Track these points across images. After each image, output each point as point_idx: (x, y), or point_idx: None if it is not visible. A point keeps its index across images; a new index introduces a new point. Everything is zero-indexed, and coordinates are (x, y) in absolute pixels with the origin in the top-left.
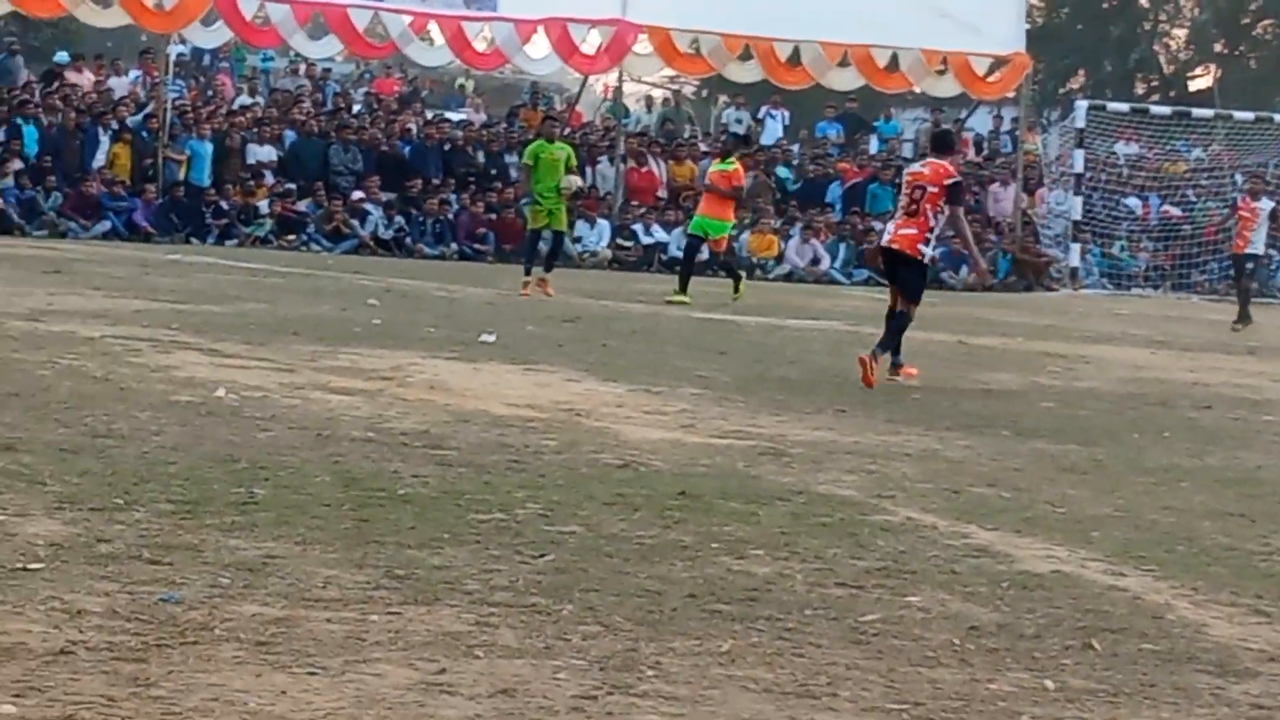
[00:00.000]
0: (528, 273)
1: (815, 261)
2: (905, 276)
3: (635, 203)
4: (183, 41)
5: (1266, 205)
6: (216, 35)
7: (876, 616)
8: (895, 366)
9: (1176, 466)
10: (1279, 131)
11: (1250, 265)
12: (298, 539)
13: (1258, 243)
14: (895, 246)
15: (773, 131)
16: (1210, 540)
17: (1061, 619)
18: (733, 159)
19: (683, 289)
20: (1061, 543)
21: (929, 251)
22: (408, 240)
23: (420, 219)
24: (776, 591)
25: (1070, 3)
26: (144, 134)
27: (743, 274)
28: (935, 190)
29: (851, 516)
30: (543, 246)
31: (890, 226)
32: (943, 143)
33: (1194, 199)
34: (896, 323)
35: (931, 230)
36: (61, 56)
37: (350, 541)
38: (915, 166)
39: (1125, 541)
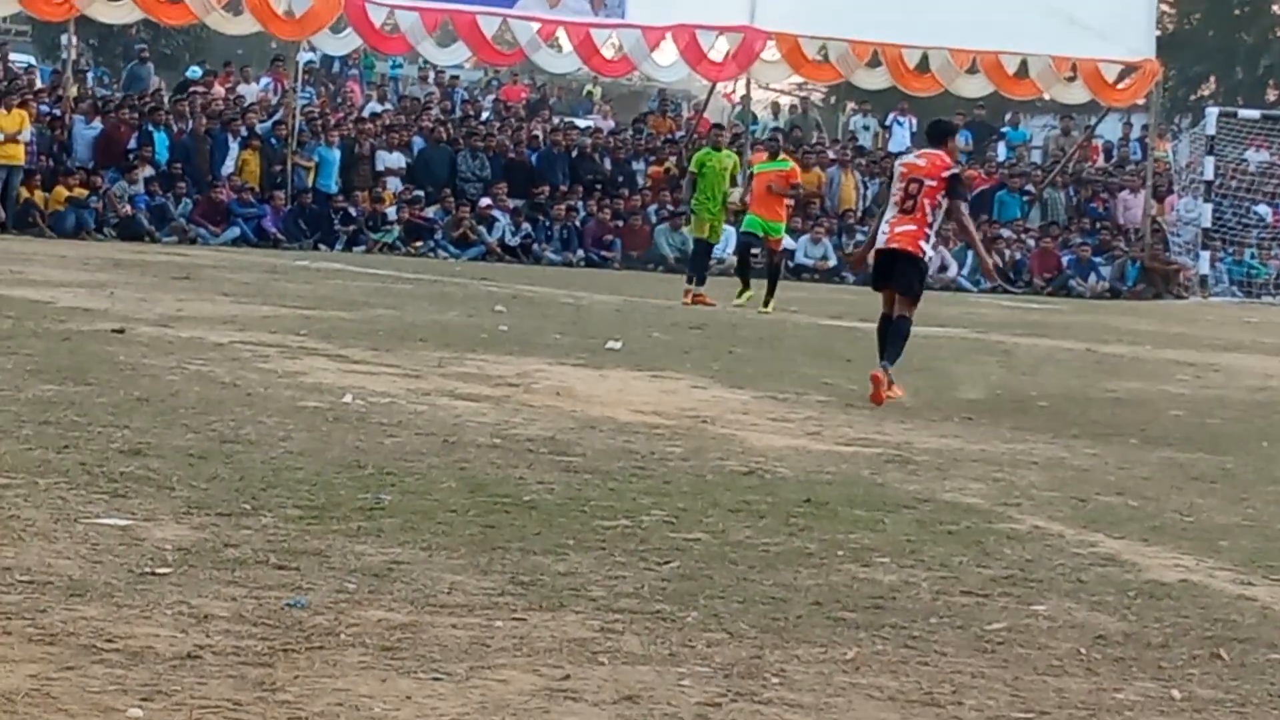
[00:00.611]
0: (691, 281)
1: (943, 269)
2: (906, 277)
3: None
4: (312, 49)
5: None
6: (346, 42)
7: (1002, 625)
8: (885, 368)
9: None
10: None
11: None
12: (424, 545)
13: None
14: (896, 246)
15: (900, 139)
16: None
17: (1189, 628)
18: (784, 157)
19: (746, 286)
20: (1189, 552)
21: (930, 250)
22: (534, 247)
23: (547, 225)
24: (901, 599)
25: (1202, 9)
26: (273, 141)
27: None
28: (933, 184)
29: (977, 524)
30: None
31: (884, 226)
32: (939, 131)
33: None
34: (898, 328)
35: (931, 226)
36: (193, 71)
37: (476, 547)
38: (910, 158)
39: (1254, 551)
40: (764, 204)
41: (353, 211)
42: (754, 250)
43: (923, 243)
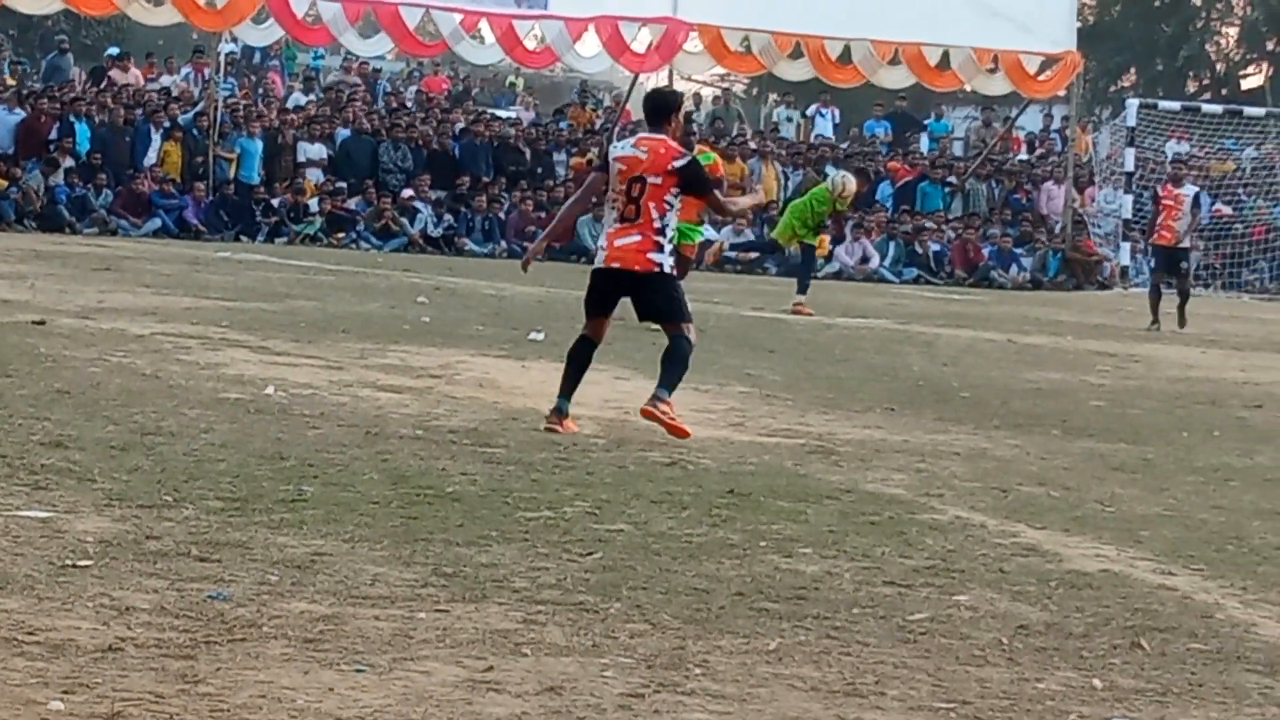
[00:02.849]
0: (803, 290)
1: (865, 260)
2: (654, 302)
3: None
4: (234, 40)
5: (1190, 191)
6: (268, 33)
7: (924, 615)
8: (660, 399)
9: (1226, 465)
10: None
11: (1185, 265)
12: (346, 536)
13: (1184, 234)
14: (618, 265)
15: (823, 129)
16: (1260, 539)
17: (1110, 618)
18: (704, 149)
19: None
20: (1110, 542)
21: (668, 257)
22: (457, 238)
23: (469, 216)
24: (824, 590)
25: (1121, 1)
26: (195, 132)
27: None
28: (657, 181)
29: (900, 515)
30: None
31: (601, 240)
32: (658, 106)
33: (1245, 198)
34: (677, 352)
35: (663, 234)
36: (111, 50)
37: (398, 539)
38: (625, 148)
39: (1174, 541)
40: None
41: (274, 203)
42: None
43: (654, 254)
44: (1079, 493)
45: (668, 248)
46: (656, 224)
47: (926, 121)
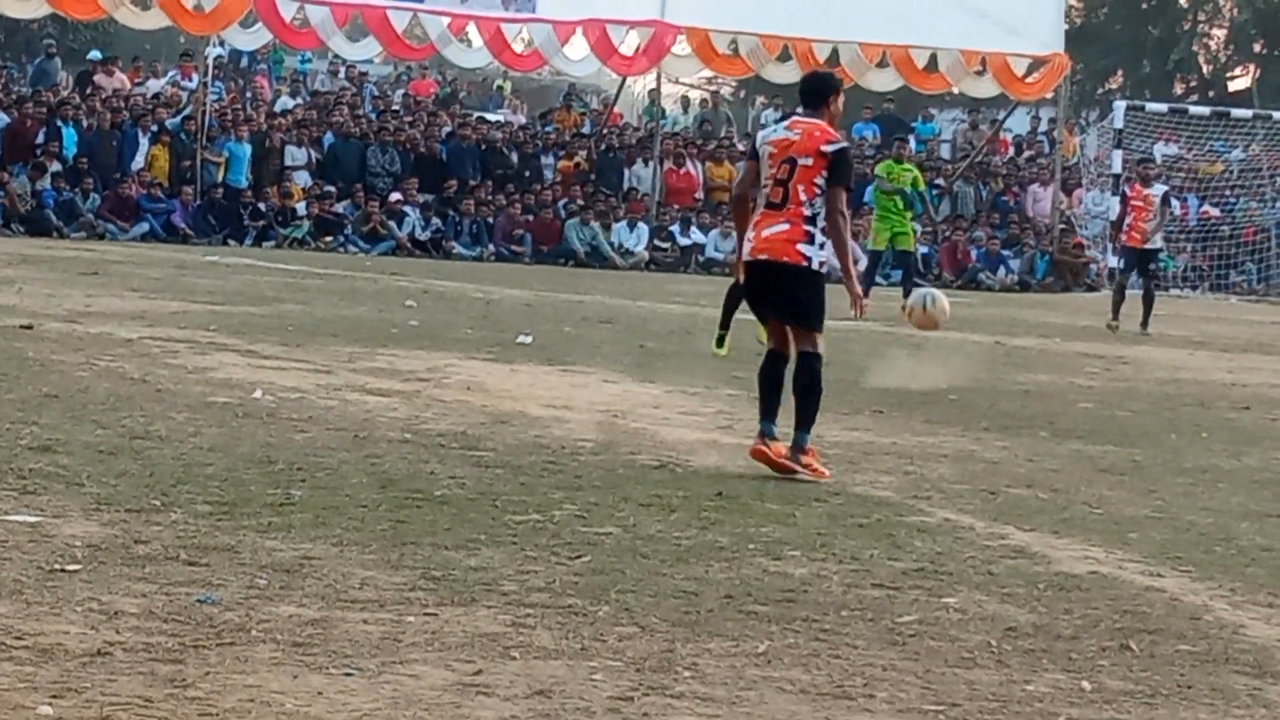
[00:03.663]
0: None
1: (854, 262)
2: (791, 299)
3: (673, 204)
4: (221, 44)
5: (1159, 191)
6: (255, 37)
7: (913, 618)
8: (800, 449)
9: (1214, 467)
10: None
11: (1153, 266)
12: (334, 540)
13: (1154, 235)
14: (765, 257)
15: None
16: (1248, 541)
17: (1098, 620)
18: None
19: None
20: (1099, 544)
21: (817, 253)
22: (444, 241)
23: (457, 220)
24: (813, 593)
25: (1109, 3)
26: (182, 136)
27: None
28: (809, 163)
29: (888, 518)
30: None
31: (749, 230)
32: (817, 88)
33: (1233, 200)
34: (805, 376)
35: (812, 222)
36: (95, 54)
37: (387, 543)
38: (777, 130)
39: (1163, 542)
40: None
41: (262, 207)
42: None
43: (804, 246)
44: (1067, 495)
45: (818, 239)
46: (806, 210)
47: (914, 124)
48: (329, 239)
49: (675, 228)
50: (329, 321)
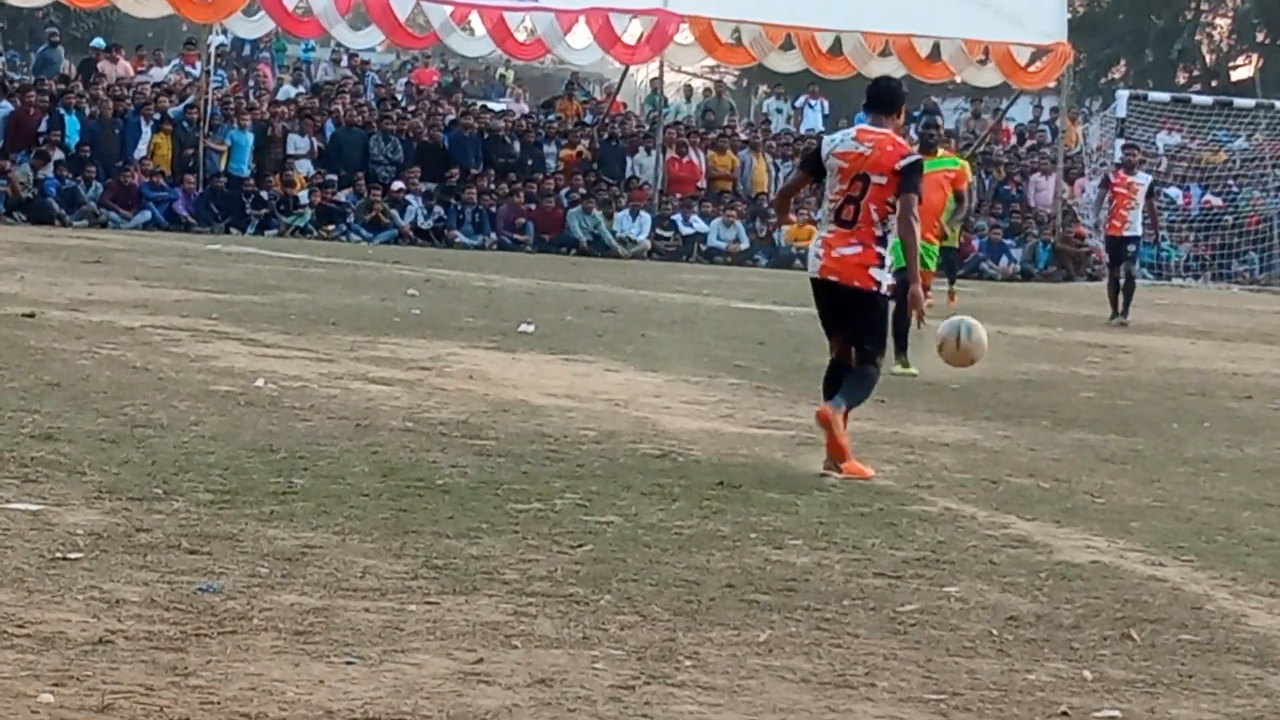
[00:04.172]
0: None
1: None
2: (858, 323)
3: (675, 193)
4: (224, 32)
5: (1144, 180)
6: (258, 26)
7: (914, 607)
8: (837, 409)
9: (1216, 457)
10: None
11: (1131, 249)
12: (336, 529)
13: (1135, 223)
14: (835, 279)
15: (812, 120)
16: (1250, 530)
17: (1100, 609)
18: (946, 152)
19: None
20: (1100, 533)
21: (887, 277)
22: (447, 230)
23: (459, 209)
24: (814, 581)
25: None
26: (185, 124)
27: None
28: (883, 181)
29: (890, 506)
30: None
31: (817, 243)
32: (885, 96)
33: (1235, 189)
34: (862, 372)
35: (883, 243)
36: (98, 42)
37: (388, 531)
38: (845, 142)
39: (1164, 532)
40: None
41: (264, 195)
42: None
43: (875, 270)
44: (1069, 484)
45: (888, 260)
46: (877, 230)
47: (916, 113)
48: (331, 227)
49: (677, 217)
50: (331, 310)
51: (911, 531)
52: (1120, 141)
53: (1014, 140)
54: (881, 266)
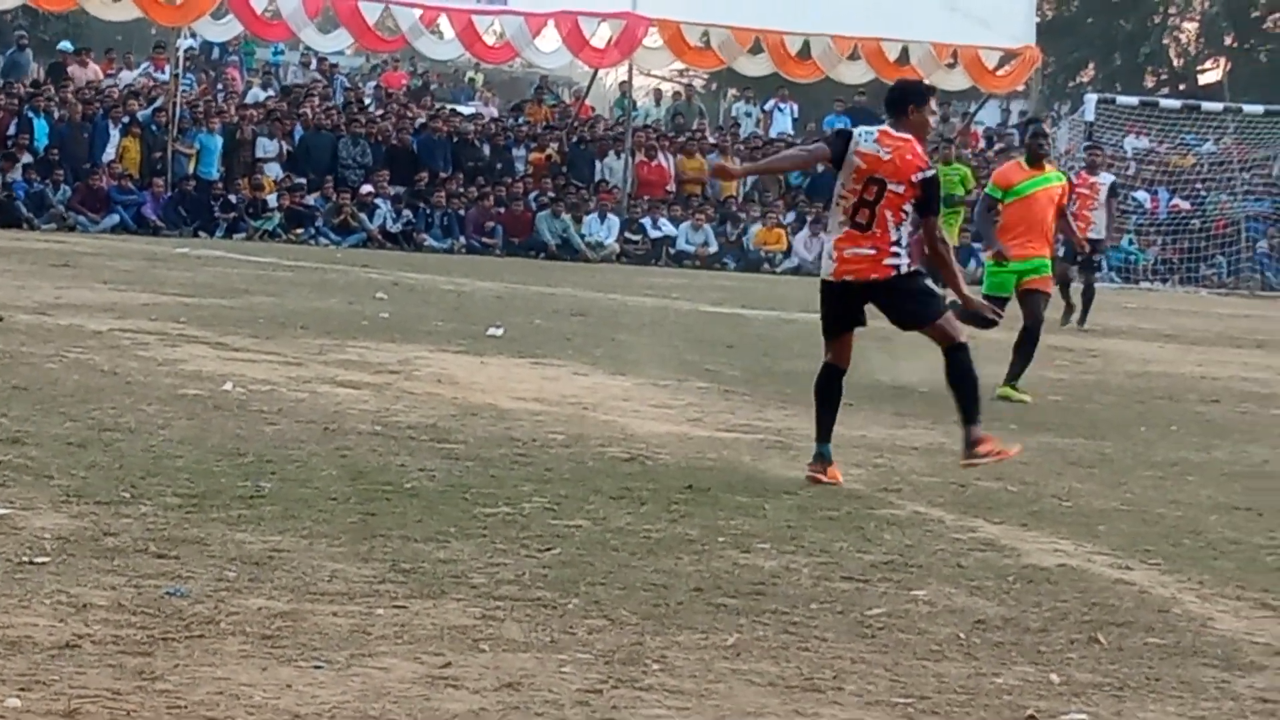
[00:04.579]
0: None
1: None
2: (901, 306)
3: (644, 196)
4: (193, 35)
5: (1106, 180)
6: (227, 29)
7: (882, 610)
8: (973, 443)
9: (1184, 460)
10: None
11: (1096, 258)
12: (304, 532)
13: (1100, 224)
14: (852, 279)
15: (781, 124)
16: (1217, 534)
17: (1067, 613)
18: (1052, 168)
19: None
20: (1068, 536)
21: (905, 257)
22: (416, 233)
23: (428, 212)
24: (782, 585)
25: None
26: (153, 128)
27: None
28: (900, 190)
29: (858, 510)
30: None
31: (827, 246)
32: (902, 97)
33: (1203, 193)
34: (958, 373)
35: (898, 244)
36: (66, 45)
37: (356, 535)
38: (867, 141)
39: (1132, 535)
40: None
41: (233, 199)
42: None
43: (890, 260)
44: (1037, 487)
45: (903, 254)
46: (892, 235)
47: (884, 117)
48: (300, 231)
49: (646, 220)
50: (299, 314)
51: (879, 535)
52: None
53: (982, 144)
54: (897, 256)
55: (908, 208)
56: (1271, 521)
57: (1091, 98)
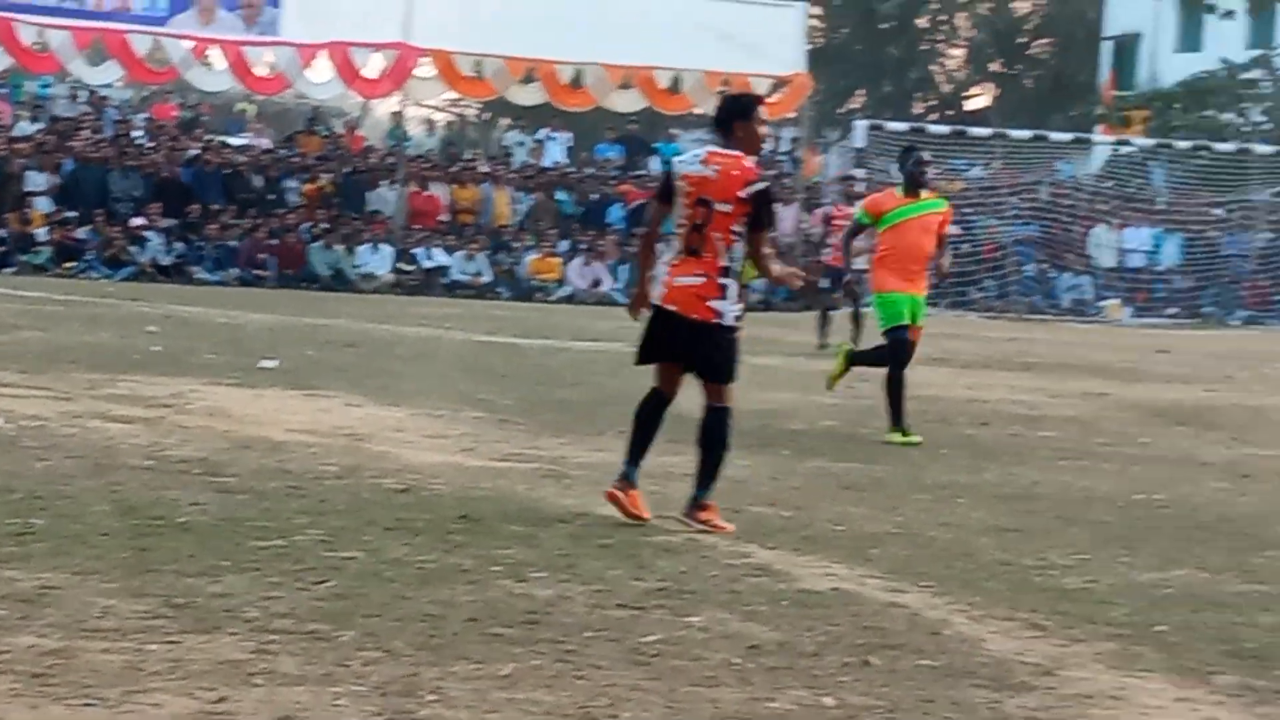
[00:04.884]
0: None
1: (597, 283)
2: (704, 354)
3: (417, 226)
4: None
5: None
6: None
7: (657, 637)
8: (698, 505)
9: (954, 483)
10: (1054, 150)
11: (848, 278)
12: (75, 569)
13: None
14: (675, 309)
15: (554, 154)
16: (988, 556)
17: (840, 636)
18: (932, 195)
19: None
20: (841, 560)
21: (733, 308)
22: (188, 266)
23: (200, 245)
24: (557, 614)
25: (850, 23)
26: None
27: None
28: (727, 209)
29: (632, 538)
30: None
31: (661, 268)
32: (724, 111)
33: (973, 217)
34: (712, 429)
35: (728, 274)
36: None
37: (129, 571)
38: (690, 163)
39: (904, 558)
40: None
41: (2, 233)
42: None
43: (717, 302)
44: (810, 512)
45: (732, 290)
46: (722, 261)
47: (657, 145)
48: (70, 265)
49: (419, 250)
50: (70, 348)
51: (654, 562)
52: (860, 171)
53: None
54: (724, 298)
55: (737, 228)
56: (1040, 543)
57: (861, 124)
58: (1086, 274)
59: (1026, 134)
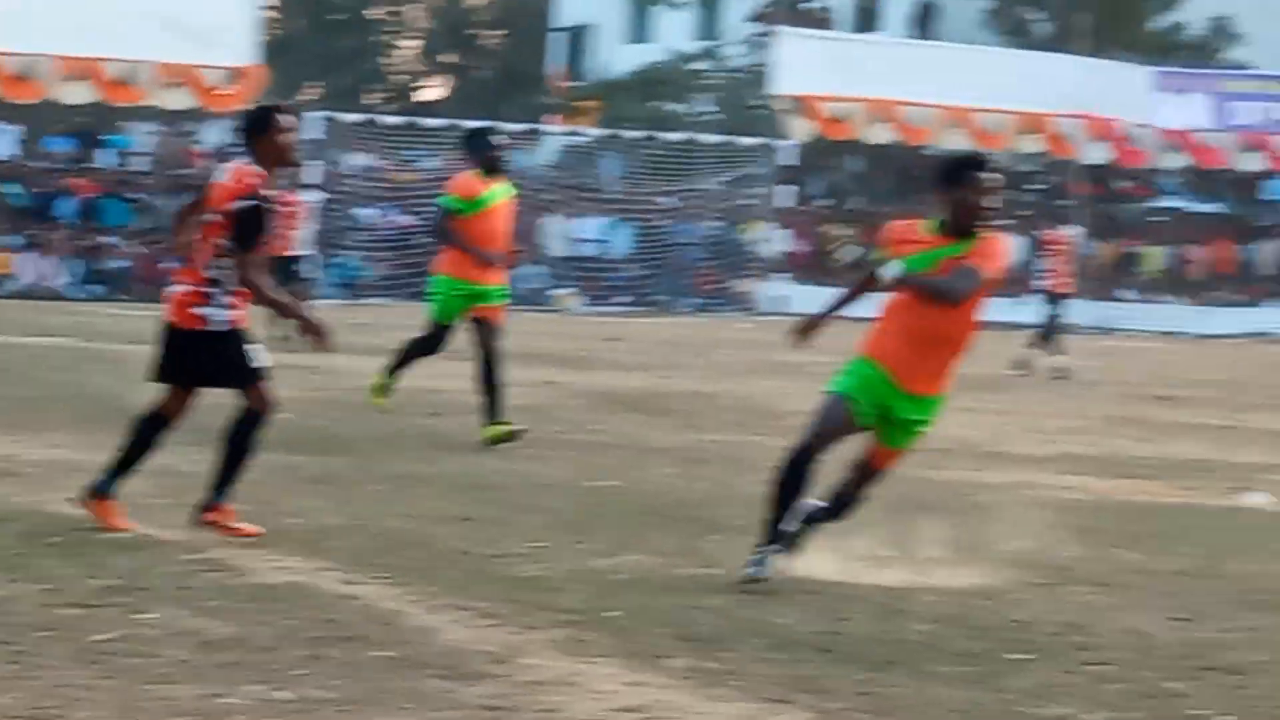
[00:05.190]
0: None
1: (45, 277)
2: (210, 366)
3: None
4: None
5: (313, 198)
6: None
7: (110, 635)
8: (211, 508)
9: (411, 474)
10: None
11: (294, 267)
12: None
13: (302, 240)
14: (172, 320)
15: (5, 148)
16: (445, 545)
17: (295, 630)
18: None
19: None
20: (297, 553)
21: (223, 312)
22: None
23: None
24: (6, 615)
25: (305, 15)
26: None
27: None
28: (213, 219)
29: (85, 536)
30: None
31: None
32: (249, 128)
33: (430, 208)
34: (237, 438)
35: (216, 284)
36: None
37: None
38: (217, 175)
39: (359, 550)
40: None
41: None
42: None
43: (200, 308)
44: (267, 506)
45: (222, 299)
46: (204, 272)
47: (108, 137)
48: None
49: None
50: None
51: (107, 560)
52: (318, 163)
53: (211, 161)
54: (208, 304)
55: (223, 242)
56: (497, 531)
57: (317, 116)
58: (540, 264)
59: (481, 125)
